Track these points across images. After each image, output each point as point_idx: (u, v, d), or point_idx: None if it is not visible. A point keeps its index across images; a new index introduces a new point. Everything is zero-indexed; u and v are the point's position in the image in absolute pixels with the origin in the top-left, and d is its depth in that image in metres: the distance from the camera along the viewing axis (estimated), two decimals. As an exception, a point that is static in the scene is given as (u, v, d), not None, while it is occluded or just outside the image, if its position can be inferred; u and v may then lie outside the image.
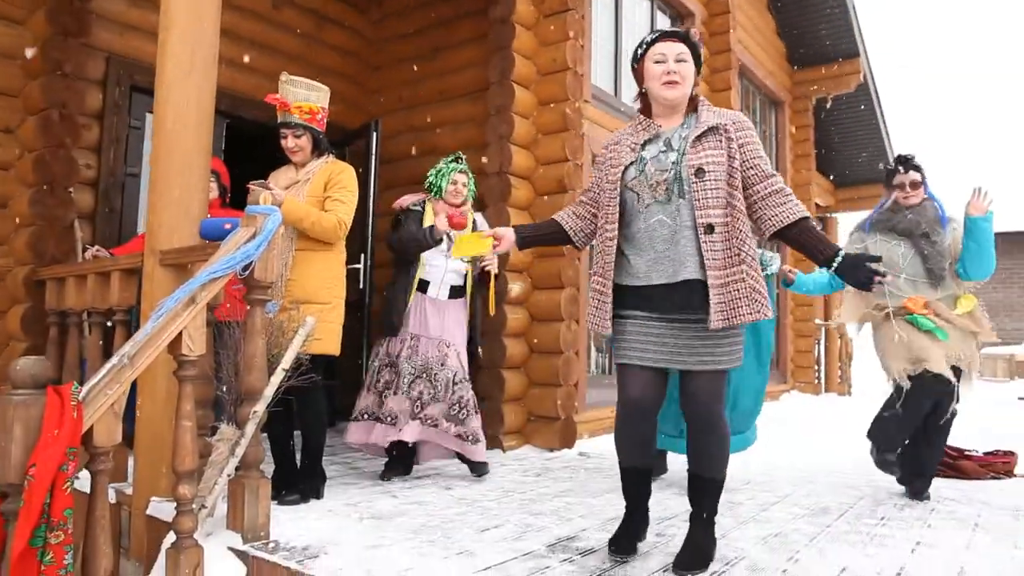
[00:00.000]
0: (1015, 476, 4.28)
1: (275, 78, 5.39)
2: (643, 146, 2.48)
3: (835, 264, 2.31)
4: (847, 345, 10.67)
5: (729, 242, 2.34)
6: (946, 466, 4.21)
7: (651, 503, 2.69)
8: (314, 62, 5.80)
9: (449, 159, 4.02)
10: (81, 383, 2.19)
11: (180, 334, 2.35)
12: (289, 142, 3.26)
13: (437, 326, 3.85)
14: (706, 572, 2.38)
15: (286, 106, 3.18)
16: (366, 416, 3.82)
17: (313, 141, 3.28)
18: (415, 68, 5.90)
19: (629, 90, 6.47)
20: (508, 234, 2.61)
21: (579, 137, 5.21)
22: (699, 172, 2.35)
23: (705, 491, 2.48)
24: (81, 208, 4.41)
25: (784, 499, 3.56)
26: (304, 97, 3.19)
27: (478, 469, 3.96)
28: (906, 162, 3.66)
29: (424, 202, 3.98)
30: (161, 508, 2.90)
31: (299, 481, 3.22)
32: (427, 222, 3.87)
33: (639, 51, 2.53)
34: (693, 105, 2.50)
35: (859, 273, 2.29)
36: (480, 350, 4.08)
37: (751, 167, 2.39)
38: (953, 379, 3.48)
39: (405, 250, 3.82)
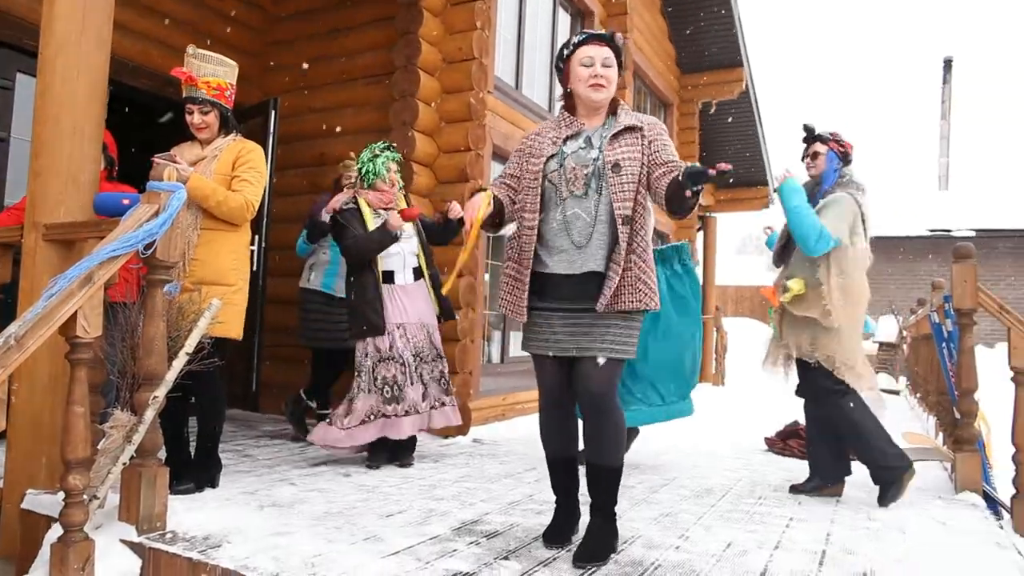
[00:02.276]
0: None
1: (163, 44, 5.18)
2: (565, 141, 2.54)
3: (682, 176, 2.23)
4: (723, 338, 11.33)
5: (633, 235, 2.45)
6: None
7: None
8: (207, 31, 5.53)
9: (382, 145, 3.94)
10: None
11: (75, 315, 2.22)
12: (195, 118, 3.11)
13: (415, 311, 3.88)
14: (606, 562, 2.41)
15: (192, 80, 3.02)
16: (373, 417, 3.78)
17: (221, 118, 3.15)
18: (316, 47, 5.74)
19: (530, 83, 6.58)
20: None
21: (482, 127, 5.25)
22: (615, 167, 2.43)
23: (602, 479, 2.50)
24: (-61, 174, 4.02)
25: (671, 482, 3.78)
26: (212, 72, 3.05)
27: (404, 458, 3.96)
28: (807, 134, 3.59)
29: (354, 199, 3.92)
30: (39, 501, 2.73)
31: (193, 469, 3.11)
32: (367, 217, 3.84)
33: (565, 52, 2.55)
34: (613, 108, 2.57)
35: (693, 173, 2.19)
36: (457, 317, 4.22)
37: (657, 154, 2.45)
38: (792, 375, 3.50)
39: (364, 254, 3.80)
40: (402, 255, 3.90)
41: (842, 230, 3.33)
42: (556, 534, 2.58)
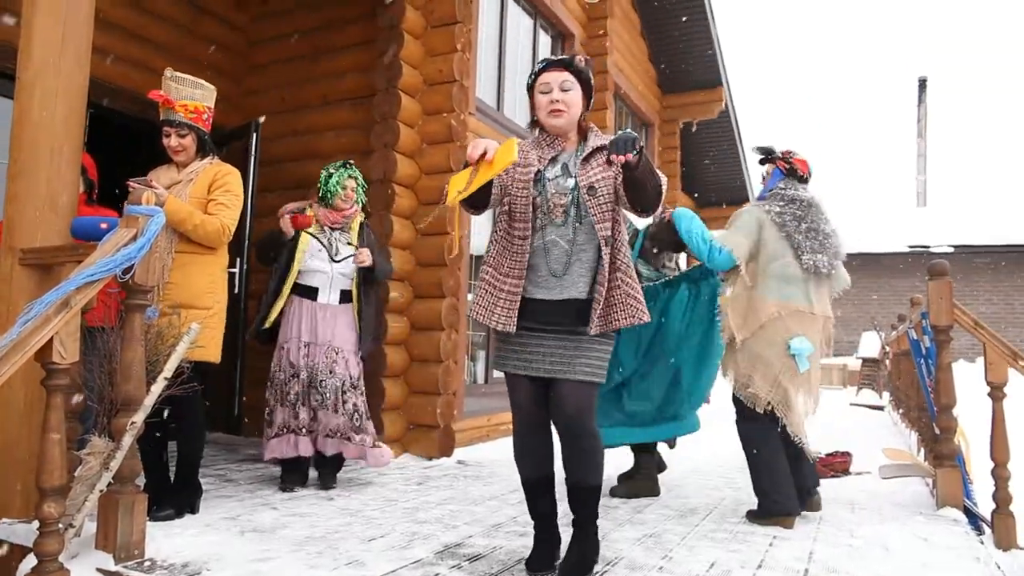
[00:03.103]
0: (851, 474, 4.75)
1: (144, 68, 5.18)
2: (548, 163, 2.52)
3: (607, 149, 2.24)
4: (707, 355, 11.33)
5: (613, 252, 2.46)
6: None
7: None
8: (188, 55, 5.53)
9: (339, 164, 3.99)
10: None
11: (51, 340, 2.19)
12: (172, 141, 3.11)
13: (327, 332, 3.83)
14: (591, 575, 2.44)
15: (170, 103, 3.03)
16: (286, 430, 3.76)
17: (198, 141, 3.15)
18: (297, 70, 5.76)
19: (511, 104, 6.63)
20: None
21: (463, 148, 5.27)
22: (591, 190, 2.44)
23: (583, 499, 2.49)
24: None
25: (655, 502, 3.78)
26: (189, 95, 3.05)
27: (327, 482, 3.87)
28: (762, 155, 3.64)
29: (305, 208, 3.94)
30: (14, 530, 2.68)
31: (173, 495, 3.07)
32: (303, 238, 3.87)
33: (529, 81, 2.57)
34: (584, 133, 2.57)
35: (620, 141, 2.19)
36: (364, 358, 4.04)
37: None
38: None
39: (259, 253, 3.89)
40: (329, 275, 3.86)
41: (738, 242, 3.33)
42: (539, 561, 2.51)
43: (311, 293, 3.84)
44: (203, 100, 3.13)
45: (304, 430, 3.77)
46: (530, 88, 2.57)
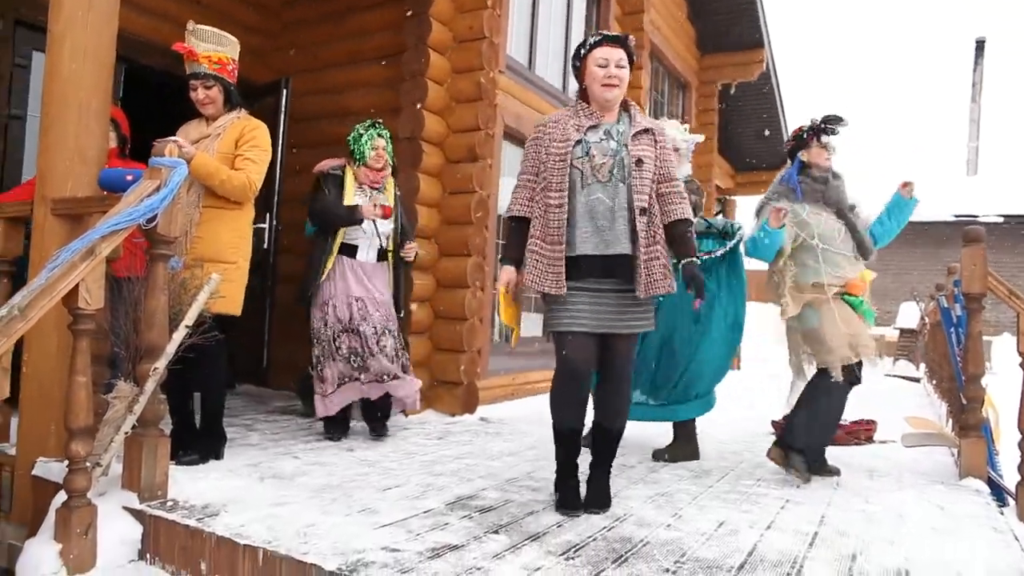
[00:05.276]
0: (874, 442, 4.71)
1: (177, 22, 5.19)
2: (587, 131, 2.72)
3: (682, 263, 2.74)
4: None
5: (651, 225, 2.71)
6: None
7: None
8: (219, 9, 5.54)
9: (367, 124, 4.00)
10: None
11: (77, 286, 2.27)
12: (199, 93, 3.14)
13: (373, 287, 3.94)
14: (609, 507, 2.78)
15: (194, 55, 3.06)
16: (347, 380, 3.87)
17: (225, 93, 3.18)
18: (328, 27, 5.75)
19: (543, 63, 6.54)
20: (513, 275, 2.82)
21: (492, 106, 5.25)
22: (639, 162, 2.69)
23: (612, 439, 2.85)
24: (-43, 150, 4.10)
25: (672, 462, 3.79)
26: (213, 48, 3.08)
27: (379, 431, 4.03)
28: (840, 122, 3.49)
29: (344, 167, 3.97)
30: (49, 468, 2.81)
31: (198, 441, 3.18)
32: (348, 187, 3.91)
33: (582, 51, 2.77)
34: (625, 105, 2.81)
35: (696, 281, 2.69)
36: (403, 312, 4.20)
37: (661, 168, 2.77)
38: None
39: (323, 223, 3.87)
40: (370, 235, 3.93)
41: None
42: (573, 501, 2.75)
43: (351, 251, 3.92)
44: (227, 53, 3.15)
45: (387, 376, 3.88)
46: (582, 58, 2.76)
